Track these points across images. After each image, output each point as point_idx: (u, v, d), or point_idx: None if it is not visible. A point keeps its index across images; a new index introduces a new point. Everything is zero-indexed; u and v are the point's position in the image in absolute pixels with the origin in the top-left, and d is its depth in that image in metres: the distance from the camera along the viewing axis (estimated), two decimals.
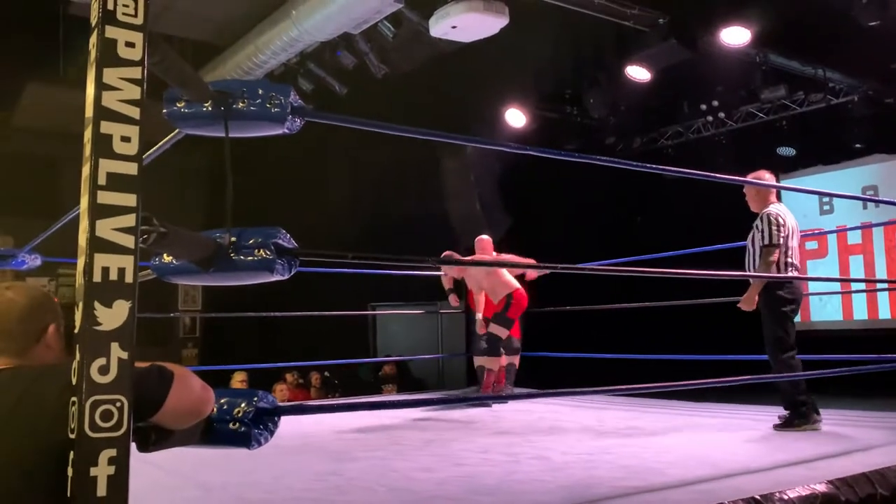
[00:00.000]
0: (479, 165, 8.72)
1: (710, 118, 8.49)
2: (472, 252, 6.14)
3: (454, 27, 5.67)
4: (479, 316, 5.98)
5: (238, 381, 7.24)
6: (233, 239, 1.81)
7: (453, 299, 6.15)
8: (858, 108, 7.47)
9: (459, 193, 8.84)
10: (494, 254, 6.03)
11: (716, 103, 8.14)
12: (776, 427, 3.97)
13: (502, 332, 5.66)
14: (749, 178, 4.16)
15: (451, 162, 8.86)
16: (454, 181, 8.91)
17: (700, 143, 8.88)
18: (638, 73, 6.89)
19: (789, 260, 4.14)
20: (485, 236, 6.13)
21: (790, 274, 4.17)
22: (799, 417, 3.94)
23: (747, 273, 4.26)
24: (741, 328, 4.66)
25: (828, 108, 7.70)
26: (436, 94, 7.60)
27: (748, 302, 4.06)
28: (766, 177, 4.25)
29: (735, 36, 6.25)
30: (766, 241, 4.07)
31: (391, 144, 7.71)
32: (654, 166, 3.01)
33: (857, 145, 7.93)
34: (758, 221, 4.17)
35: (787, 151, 8.62)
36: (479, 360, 6.14)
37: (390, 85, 7.32)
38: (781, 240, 4.07)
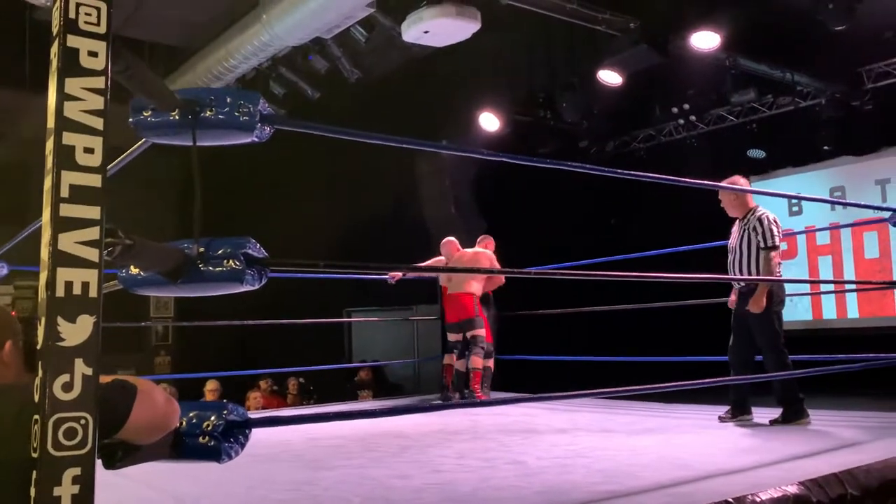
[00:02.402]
0: (454, 169, 8.73)
1: (681, 121, 8.58)
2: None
3: (426, 32, 5.67)
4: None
5: (209, 389, 7.14)
6: (201, 249, 1.78)
7: (394, 278, 6.18)
8: (826, 110, 7.60)
9: (434, 197, 8.83)
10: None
11: (687, 106, 8.24)
12: (772, 422, 4.07)
13: (449, 336, 6.10)
14: (725, 183, 4.19)
15: (425, 165, 8.85)
16: (429, 185, 8.91)
17: (672, 145, 8.98)
18: (610, 77, 6.94)
19: (780, 260, 4.24)
20: (451, 238, 6.29)
21: (782, 273, 4.26)
22: (794, 413, 4.05)
23: (733, 276, 4.31)
24: (711, 329, 4.71)
25: (796, 110, 7.82)
26: (409, 98, 7.60)
27: (757, 304, 4.08)
28: (741, 181, 4.31)
29: (705, 40, 6.32)
30: (770, 243, 4.13)
31: (365, 148, 7.68)
32: (625, 171, 3.02)
33: (826, 147, 8.07)
34: (755, 223, 4.18)
35: (757, 153, 8.75)
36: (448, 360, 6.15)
37: (363, 89, 7.31)
38: (780, 241, 4.16)
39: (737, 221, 4.35)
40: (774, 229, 4.15)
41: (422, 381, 8.91)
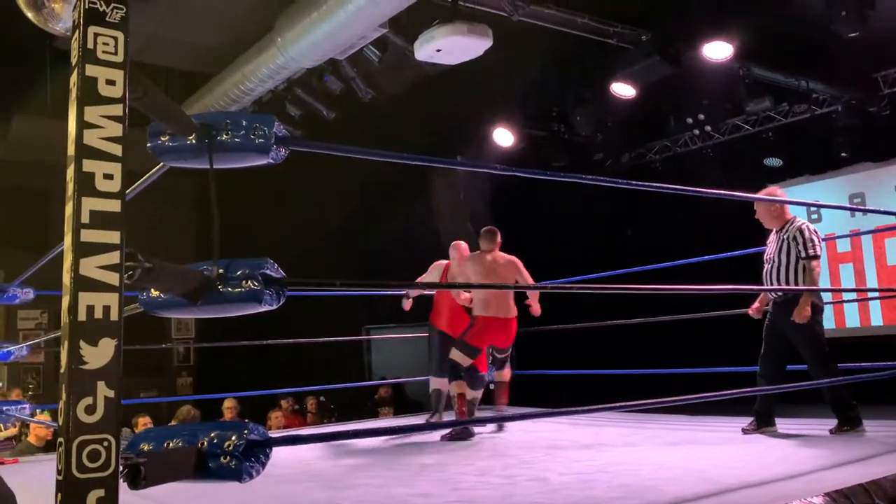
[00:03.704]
0: (469, 184, 8.76)
1: (696, 132, 8.56)
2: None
3: (439, 50, 5.71)
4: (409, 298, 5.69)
5: (227, 407, 7.16)
6: (220, 271, 1.80)
7: (407, 304, 5.78)
8: (842, 117, 7.56)
9: (450, 211, 8.86)
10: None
11: (702, 117, 8.22)
12: (832, 431, 4.02)
13: (463, 361, 5.02)
14: (762, 194, 4.19)
15: (441, 180, 8.90)
16: (445, 199, 8.94)
17: (688, 156, 8.95)
18: (623, 89, 6.95)
19: (819, 270, 4.18)
20: (462, 242, 5.77)
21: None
22: (849, 422, 3.99)
23: (753, 287, 4.28)
24: (732, 340, 4.67)
25: (812, 118, 7.77)
26: (423, 116, 7.66)
27: (802, 315, 3.99)
28: (779, 192, 4.30)
29: (717, 50, 6.32)
30: (812, 253, 4.08)
31: (380, 164, 7.76)
32: (640, 183, 3.01)
33: (843, 154, 8.00)
34: (794, 233, 4.15)
35: (774, 162, 8.70)
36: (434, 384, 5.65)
37: (378, 108, 7.37)
38: (820, 251, 4.11)
39: (773, 232, 4.31)
40: (815, 239, 4.12)
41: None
